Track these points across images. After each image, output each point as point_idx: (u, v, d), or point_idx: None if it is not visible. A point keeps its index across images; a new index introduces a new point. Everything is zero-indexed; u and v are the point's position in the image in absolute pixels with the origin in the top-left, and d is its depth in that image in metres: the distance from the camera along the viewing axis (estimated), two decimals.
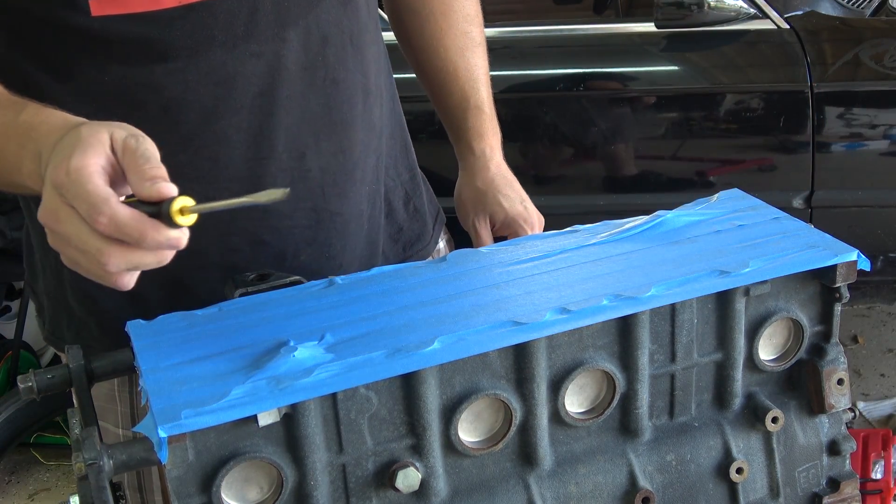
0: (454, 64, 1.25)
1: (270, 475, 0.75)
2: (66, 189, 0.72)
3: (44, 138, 0.79)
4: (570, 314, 0.78)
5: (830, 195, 2.57)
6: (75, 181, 0.71)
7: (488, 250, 0.92)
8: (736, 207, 0.97)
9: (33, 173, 0.79)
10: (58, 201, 0.73)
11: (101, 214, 0.70)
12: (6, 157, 0.83)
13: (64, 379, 0.82)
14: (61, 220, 0.73)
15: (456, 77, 1.26)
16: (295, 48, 1.00)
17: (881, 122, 2.53)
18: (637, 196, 2.67)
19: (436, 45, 1.25)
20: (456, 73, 1.26)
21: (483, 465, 0.82)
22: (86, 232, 0.72)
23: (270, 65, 0.98)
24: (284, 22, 0.98)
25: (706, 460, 0.88)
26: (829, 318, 0.90)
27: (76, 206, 0.71)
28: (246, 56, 0.97)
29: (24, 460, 3.03)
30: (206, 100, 0.96)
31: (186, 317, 0.83)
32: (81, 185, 0.71)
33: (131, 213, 0.71)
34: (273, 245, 1.03)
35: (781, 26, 2.53)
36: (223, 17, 0.95)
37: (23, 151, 0.80)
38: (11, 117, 0.83)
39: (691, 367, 0.87)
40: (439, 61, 1.26)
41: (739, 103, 2.58)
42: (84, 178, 0.71)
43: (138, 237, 0.71)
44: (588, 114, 2.64)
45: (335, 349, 0.76)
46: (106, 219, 0.70)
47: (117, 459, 0.72)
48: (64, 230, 0.73)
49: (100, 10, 0.91)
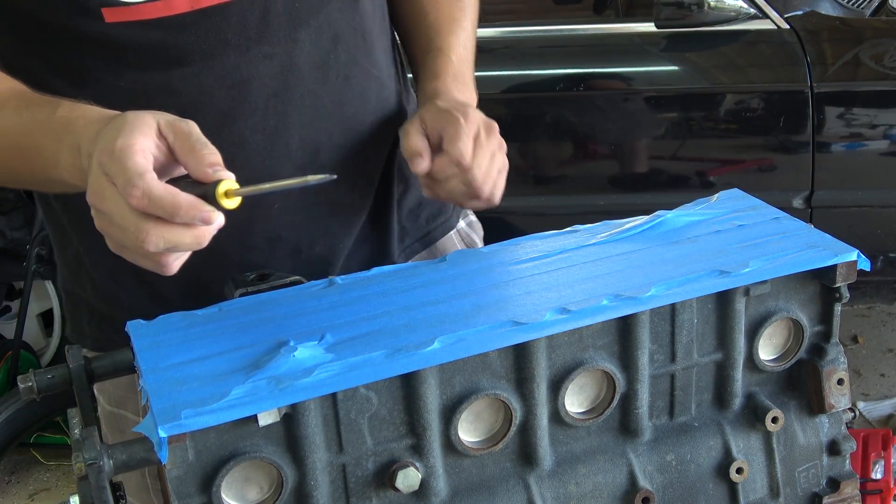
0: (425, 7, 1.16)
1: (270, 475, 0.75)
2: (108, 167, 0.74)
3: (82, 131, 0.80)
4: (570, 314, 0.78)
5: (830, 195, 2.57)
6: (118, 159, 0.73)
7: (489, 250, 0.92)
8: (736, 207, 0.97)
9: (71, 166, 0.81)
10: (102, 180, 0.75)
11: (134, 187, 0.72)
12: (42, 153, 0.84)
13: (64, 379, 0.82)
14: (105, 199, 0.75)
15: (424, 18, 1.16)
16: (307, 48, 1.00)
17: (881, 122, 2.53)
18: (637, 196, 2.67)
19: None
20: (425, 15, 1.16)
21: (483, 465, 0.82)
22: (125, 209, 0.73)
23: (283, 65, 0.99)
24: (295, 23, 0.99)
25: (706, 460, 0.88)
26: (829, 318, 0.90)
27: (116, 183, 0.73)
28: (259, 58, 0.98)
29: (24, 460, 3.03)
30: (222, 103, 0.97)
31: (186, 317, 0.83)
32: (122, 162, 0.73)
33: (165, 187, 0.73)
34: (289, 240, 1.04)
35: (781, 26, 2.53)
36: (235, 21, 0.96)
37: (60, 146, 0.82)
38: (47, 114, 0.84)
39: (691, 367, 0.87)
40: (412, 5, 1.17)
41: (739, 103, 2.58)
42: (126, 155, 0.73)
43: (172, 210, 0.73)
44: (588, 114, 2.64)
45: (335, 349, 0.76)
46: (139, 192, 0.72)
47: (117, 459, 0.72)
48: (107, 208, 0.75)
49: (113, 18, 0.92)
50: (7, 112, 0.88)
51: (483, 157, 0.97)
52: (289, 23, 0.99)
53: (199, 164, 0.75)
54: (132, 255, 0.77)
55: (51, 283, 3.08)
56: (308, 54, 1.01)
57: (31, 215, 2.84)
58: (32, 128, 0.85)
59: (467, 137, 0.95)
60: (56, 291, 3.09)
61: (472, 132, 0.96)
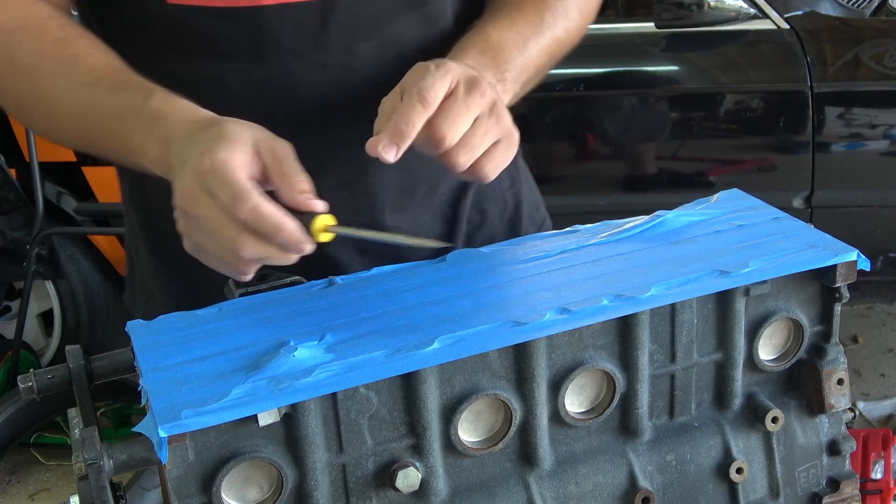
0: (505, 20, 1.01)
1: (270, 475, 0.75)
2: (209, 177, 0.75)
3: (174, 127, 0.82)
4: (570, 314, 0.78)
5: (830, 195, 2.57)
6: (221, 171, 0.75)
7: (489, 250, 0.92)
8: (736, 207, 0.97)
9: (157, 158, 0.82)
10: (197, 188, 0.76)
11: (244, 203, 0.74)
12: (131, 139, 0.85)
13: (64, 379, 0.82)
14: (199, 205, 0.76)
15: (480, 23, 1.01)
16: (365, 63, 0.98)
17: (881, 122, 2.53)
18: (637, 196, 2.67)
19: None
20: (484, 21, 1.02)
21: (483, 465, 0.82)
22: (223, 219, 0.75)
23: (337, 77, 0.97)
24: (356, 35, 0.97)
25: (706, 460, 0.88)
26: (829, 318, 0.90)
27: (218, 194, 0.75)
28: (312, 66, 0.96)
29: (24, 460, 3.03)
30: (270, 104, 0.96)
31: (186, 317, 0.83)
32: (226, 175, 0.75)
33: (271, 207, 0.76)
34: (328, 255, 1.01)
35: (781, 26, 2.53)
36: (291, 24, 0.94)
37: (149, 135, 0.83)
38: (140, 101, 0.85)
39: (691, 367, 0.87)
40: None
41: (739, 103, 2.59)
42: (229, 169, 0.75)
43: (274, 230, 0.75)
44: (587, 114, 2.64)
45: (335, 349, 0.76)
46: (248, 207, 0.74)
47: (117, 459, 0.72)
48: (200, 213, 0.76)
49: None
50: (101, 90, 0.88)
51: (455, 111, 0.82)
52: (349, 35, 0.96)
53: (290, 190, 0.77)
54: (211, 259, 0.80)
55: (51, 283, 3.08)
56: (366, 69, 0.98)
57: (30, 215, 2.84)
58: (124, 112, 0.86)
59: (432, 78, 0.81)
60: (56, 291, 3.10)
61: (443, 78, 0.82)
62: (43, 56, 0.91)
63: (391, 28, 0.98)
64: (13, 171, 2.93)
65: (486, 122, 0.84)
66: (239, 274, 0.81)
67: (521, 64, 0.97)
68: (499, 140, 0.85)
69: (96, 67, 0.90)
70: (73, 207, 2.99)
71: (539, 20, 1.01)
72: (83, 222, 3.01)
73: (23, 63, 0.92)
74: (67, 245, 3.03)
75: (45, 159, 2.82)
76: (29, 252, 2.82)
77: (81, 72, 0.90)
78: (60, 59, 0.91)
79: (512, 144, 0.87)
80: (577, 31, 1.06)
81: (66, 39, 0.92)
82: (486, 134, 0.84)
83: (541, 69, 1.02)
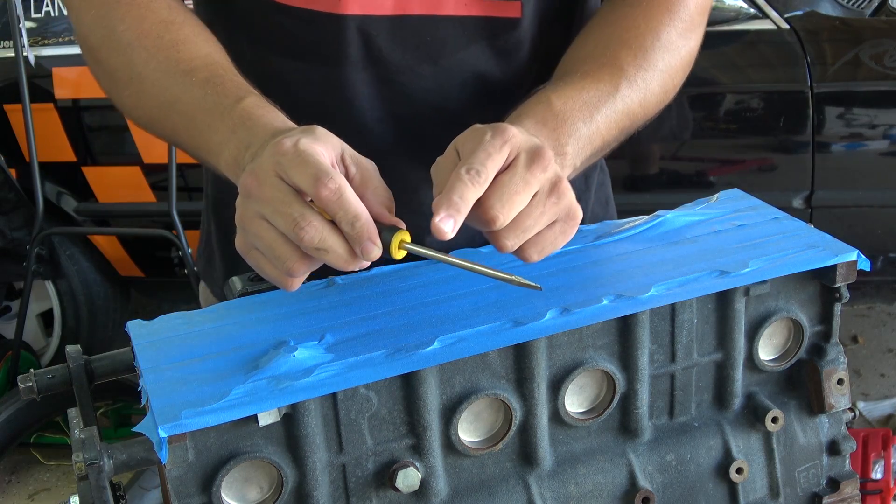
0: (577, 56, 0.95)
1: (270, 475, 0.75)
2: (289, 158, 0.72)
3: (259, 130, 0.79)
4: (570, 314, 0.78)
5: (830, 195, 2.57)
6: (304, 153, 0.72)
7: (488, 250, 0.92)
8: (736, 207, 0.97)
9: (232, 161, 0.80)
10: (270, 169, 0.72)
11: (331, 180, 0.70)
12: (212, 137, 0.83)
13: (64, 379, 0.82)
14: (267, 185, 0.72)
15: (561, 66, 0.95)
16: (428, 85, 0.96)
17: (881, 122, 2.53)
18: (637, 196, 2.67)
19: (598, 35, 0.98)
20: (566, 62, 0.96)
21: (483, 465, 0.82)
22: (292, 199, 0.71)
23: (397, 94, 0.96)
24: (421, 57, 0.96)
25: (706, 460, 0.88)
26: (829, 318, 0.90)
27: (295, 173, 0.71)
28: (374, 79, 0.96)
29: (24, 460, 3.03)
30: (328, 110, 0.95)
31: (186, 317, 0.83)
32: (312, 157, 0.72)
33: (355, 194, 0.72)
34: None
35: (781, 26, 2.53)
36: (359, 35, 0.94)
37: (231, 137, 0.81)
38: (232, 101, 0.83)
39: (691, 367, 0.87)
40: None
41: (739, 103, 2.58)
42: (316, 153, 0.72)
43: (352, 217, 0.71)
44: None
45: (335, 349, 0.76)
46: (335, 185, 0.70)
47: (117, 459, 0.72)
48: (267, 195, 0.72)
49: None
50: (194, 81, 0.86)
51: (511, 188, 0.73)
52: (414, 55, 0.95)
53: (376, 201, 0.74)
54: (258, 259, 0.76)
55: (51, 283, 3.09)
56: (427, 92, 0.96)
57: (30, 215, 2.85)
58: (211, 107, 0.84)
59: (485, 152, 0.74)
60: (56, 291, 3.10)
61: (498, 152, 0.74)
62: (143, 34, 0.89)
63: (458, 55, 0.97)
64: (13, 171, 2.93)
65: (545, 200, 0.76)
66: (284, 280, 0.75)
67: (586, 136, 0.89)
68: (555, 220, 0.77)
69: (195, 57, 0.88)
70: (73, 207, 3.00)
71: (613, 90, 0.92)
72: (83, 222, 3.02)
73: (122, 38, 0.90)
74: (67, 245, 3.03)
75: (45, 159, 2.82)
76: (29, 252, 2.82)
77: (179, 58, 0.88)
78: (161, 41, 0.89)
79: (571, 227, 0.78)
80: (656, 106, 0.97)
81: (172, 23, 0.91)
82: (542, 215, 0.76)
83: (608, 144, 0.94)
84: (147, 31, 0.90)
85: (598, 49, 0.95)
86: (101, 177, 2.96)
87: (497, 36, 0.98)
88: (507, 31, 0.99)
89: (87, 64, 0.97)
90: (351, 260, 0.73)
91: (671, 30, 0.96)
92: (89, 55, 0.95)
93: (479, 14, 0.97)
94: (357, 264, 0.74)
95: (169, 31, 0.90)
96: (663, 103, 0.98)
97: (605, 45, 0.95)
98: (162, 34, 0.89)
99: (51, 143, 2.87)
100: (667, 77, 0.97)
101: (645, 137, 2.64)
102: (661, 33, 0.95)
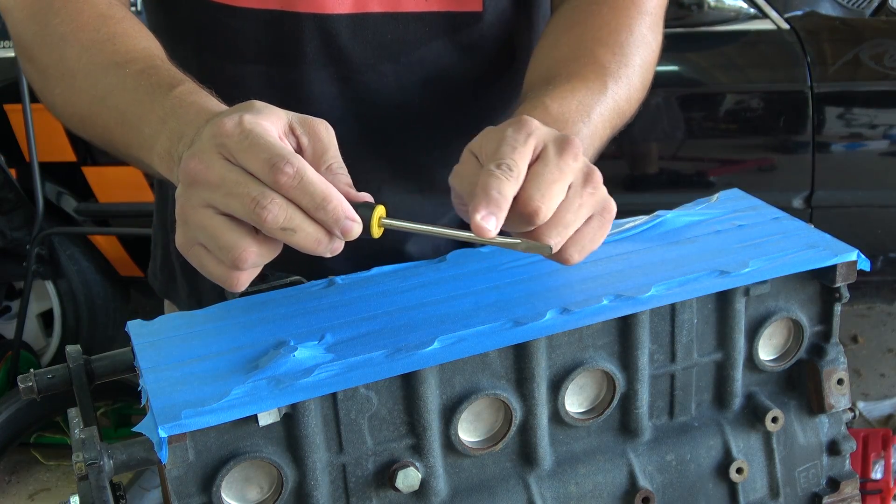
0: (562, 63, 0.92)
1: (270, 475, 0.75)
2: (235, 141, 0.65)
3: (192, 117, 0.72)
4: (570, 314, 0.78)
5: (830, 195, 2.57)
6: (252, 133, 0.65)
7: (488, 250, 0.92)
8: (736, 207, 0.97)
9: (165, 154, 0.73)
10: (213, 151, 0.65)
11: (288, 164, 0.63)
12: (142, 131, 0.76)
13: (64, 379, 0.82)
14: (213, 167, 0.65)
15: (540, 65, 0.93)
16: (389, 83, 0.95)
17: (881, 122, 2.53)
18: (637, 196, 2.67)
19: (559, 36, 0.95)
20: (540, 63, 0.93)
21: (483, 465, 0.82)
22: (247, 178, 0.64)
23: (358, 93, 0.94)
24: (382, 55, 0.94)
25: (706, 460, 0.88)
26: (829, 318, 0.90)
27: (246, 158, 0.64)
28: (334, 78, 0.94)
29: (24, 460, 3.03)
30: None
31: (186, 317, 0.83)
32: (261, 137, 0.64)
33: (319, 175, 0.65)
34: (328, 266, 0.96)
35: (781, 26, 2.53)
36: (318, 34, 0.92)
37: (162, 128, 0.74)
38: (163, 90, 0.77)
39: (691, 367, 0.87)
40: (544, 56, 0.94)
41: (739, 103, 2.59)
42: (264, 131, 0.65)
43: (320, 201, 0.64)
44: None
45: (335, 349, 0.76)
46: (293, 170, 0.63)
47: (117, 459, 0.72)
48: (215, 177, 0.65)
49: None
50: (128, 72, 0.80)
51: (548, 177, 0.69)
52: (375, 53, 0.93)
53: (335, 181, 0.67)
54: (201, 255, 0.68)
55: (51, 283, 3.09)
56: (389, 91, 0.94)
57: (30, 215, 2.85)
58: (143, 98, 0.77)
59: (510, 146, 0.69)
60: (56, 291, 3.10)
61: (524, 144, 0.70)
62: (79, 28, 0.85)
63: (420, 52, 0.95)
64: (13, 171, 2.93)
65: (581, 192, 0.71)
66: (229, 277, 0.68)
67: (588, 136, 0.87)
68: (592, 215, 0.73)
69: (131, 50, 0.83)
70: (73, 207, 3.00)
71: (602, 88, 0.90)
72: (83, 222, 3.02)
73: (57, 31, 0.86)
74: (67, 245, 3.03)
75: (45, 159, 2.82)
76: (29, 252, 2.82)
77: (115, 51, 0.83)
78: (97, 35, 0.84)
79: (607, 221, 0.74)
80: (637, 102, 0.96)
81: (110, 18, 0.86)
82: (581, 208, 0.71)
83: (603, 144, 0.92)
84: (83, 24, 0.85)
85: (575, 50, 0.92)
86: (101, 177, 2.96)
87: (459, 31, 0.96)
88: (469, 26, 0.97)
89: (20, 64, 0.93)
90: (324, 240, 0.66)
91: (641, 24, 0.95)
92: (22, 53, 0.91)
93: (440, 10, 0.95)
94: (331, 246, 0.67)
95: (106, 24, 0.85)
96: (641, 100, 0.97)
97: (580, 46, 0.92)
98: (99, 28, 0.84)
99: (51, 143, 2.87)
100: (644, 72, 0.95)
101: (645, 137, 2.64)
102: (634, 28, 0.94)
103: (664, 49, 1.03)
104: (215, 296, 1.04)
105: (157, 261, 1.13)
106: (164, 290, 1.13)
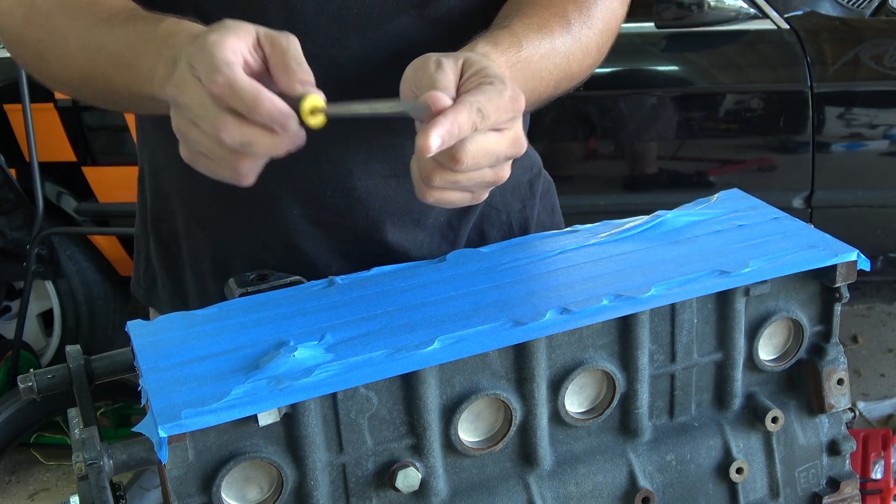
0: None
1: (270, 475, 0.75)
2: (195, 59, 0.72)
3: (182, 43, 0.78)
4: (570, 314, 0.78)
5: (830, 195, 2.57)
6: (206, 51, 0.72)
7: (488, 250, 0.92)
8: (736, 207, 0.97)
9: (164, 80, 0.78)
10: (186, 73, 0.73)
11: (219, 74, 0.70)
12: (141, 67, 0.82)
13: (64, 379, 0.82)
14: (185, 90, 0.72)
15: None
16: (356, 58, 0.94)
17: (881, 122, 2.53)
18: (637, 196, 2.67)
19: None
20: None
21: (483, 465, 0.82)
22: (206, 99, 0.71)
23: (325, 69, 0.90)
24: (347, 30, 0.93)
25: (706, 460, 0.88)
26: (829, 318, 0.90)
27: (200, 74, 0.71)
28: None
29: (24, 460, 3.03)
30: None
31: (186, 317, 0.83)
32: (210, 53, 0.71)
33: (250, 81, 0.71)
34: (307, 252, 0.99)
35: (781, 26, 2.53)
36: (281, 10, 0.92)
37: (158, 58, 0.80)
38: (151, 27, 0.82)
39: (691, 367, 0.87)
40: None
41: (739, 103, 2.59)
42: (216, 48, 0.71)
43: (252, 104, 0.70)
44: (588, 114, 2.64)
45: (335, 349, 0.76)
46: (223, 79, 0.70)
47: (117, 459, 0.72)
48: (186, 99, 0.73)
49: None
50: (114, 24, 0.86)
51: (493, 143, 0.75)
52: (340, 28, 0.93)
53: (289, 80, 0.73)
54: (206, 163, 0.75)
55: (51, 283, 3.09)
56: (357, 66, 0.94)
57: (30, 215, 2.85)
58: (135, 40, 0.84)
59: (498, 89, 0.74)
60: (56, 291, 3.10)
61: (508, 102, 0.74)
62: (63, 1, 0.90)
63: (386, 26, 0.95)
64: (13, 171, 2.93)
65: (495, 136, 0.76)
66: (236, 175, 0.75)
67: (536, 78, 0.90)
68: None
69: (113, 7, 0.89)
70: (73, 207, 3.00)
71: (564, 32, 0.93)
72: (83, 222, 3.02)
73: (42, 9, 0.91)
74: (67, 245, 3.03)
75: (45, 159, 2.82)
76: (29, 252, 2.82)
77: (98, 11, 0.88)
78: (79, 2, 0.90)
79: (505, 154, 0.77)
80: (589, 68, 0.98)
81: None
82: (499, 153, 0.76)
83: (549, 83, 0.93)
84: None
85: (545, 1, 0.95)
86: (101, 177, 2.96)
87: (427, 5, 0.96)
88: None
89: (10, 53, 0.97)
90: (278, 142, 0.72)
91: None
92: (11, 39, 0.95)
93: None
94: (289, 141, 0.73)
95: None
96: (594, 66, 0.98)
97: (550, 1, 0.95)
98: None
99: (51, 143, 2.87)
100: (603, 39, 0.98)
101: (645, 137, 2.64)
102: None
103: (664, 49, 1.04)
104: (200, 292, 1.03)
105: (140, 268, 1.14)
106: (147, 298, 1.14)
